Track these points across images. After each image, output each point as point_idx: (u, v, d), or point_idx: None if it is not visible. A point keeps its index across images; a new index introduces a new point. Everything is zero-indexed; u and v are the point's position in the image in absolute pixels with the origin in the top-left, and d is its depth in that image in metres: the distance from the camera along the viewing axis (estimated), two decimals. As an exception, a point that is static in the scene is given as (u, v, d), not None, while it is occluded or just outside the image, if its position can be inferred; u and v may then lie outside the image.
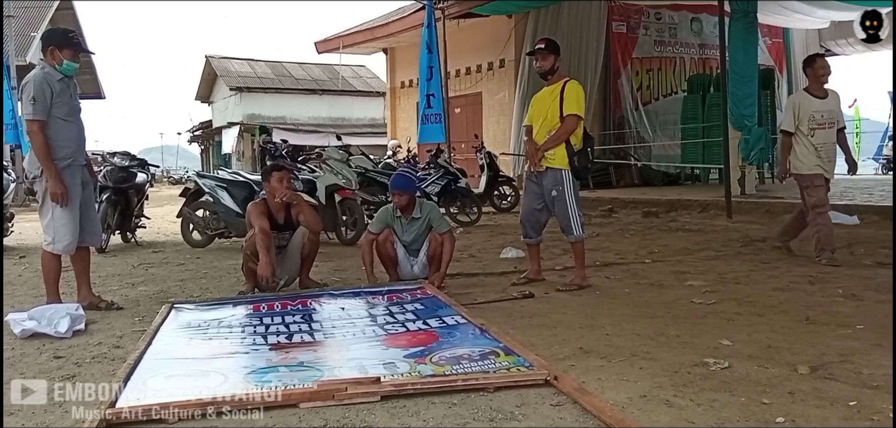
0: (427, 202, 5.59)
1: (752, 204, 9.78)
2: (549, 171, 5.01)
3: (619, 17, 14.63)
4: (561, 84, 5.03)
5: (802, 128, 5.85)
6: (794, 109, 5.93)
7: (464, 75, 15.34)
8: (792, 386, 2.77)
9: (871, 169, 22.70)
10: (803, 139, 5.85)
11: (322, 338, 3.65)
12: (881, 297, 4.39)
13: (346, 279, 5.74)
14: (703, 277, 5.30)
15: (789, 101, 6.16)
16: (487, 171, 11.05)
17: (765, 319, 3.95)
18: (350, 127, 27.99)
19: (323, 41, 18.13)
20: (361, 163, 9.30)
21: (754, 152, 10.43)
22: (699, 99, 13.55)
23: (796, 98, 6.14)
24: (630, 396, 2.70)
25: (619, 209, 10.68)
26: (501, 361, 3.05)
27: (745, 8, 10.12)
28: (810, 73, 6.01)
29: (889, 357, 3.12)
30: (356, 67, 32.31)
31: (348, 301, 4.50)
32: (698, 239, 7.47)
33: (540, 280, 5.17)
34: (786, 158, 6.00)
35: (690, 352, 3.29)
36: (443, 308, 4.17)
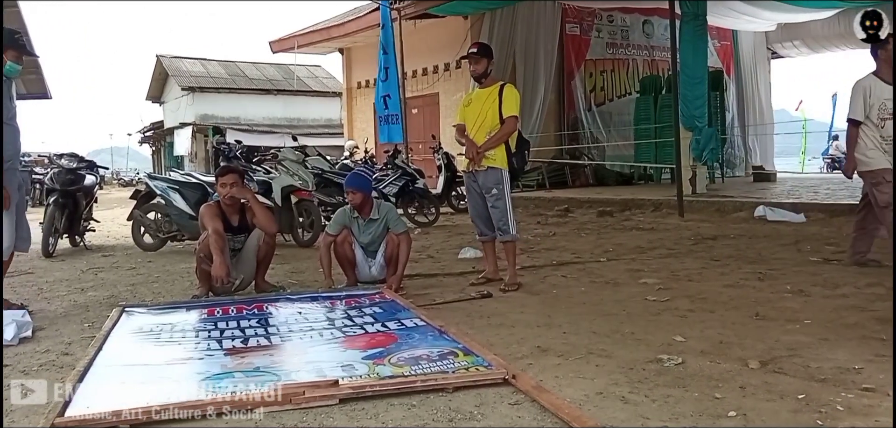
0: (385, 203, 5.58)
1: (703, 203, 10.01)
2: (490, 171, 5.08)
3: (572, 19, 14.82)
4: (497, 87, 5.12)
5: (872, 117, 5.17)
6: (863, 96, 5.15)
7: (421, 76, 15.34)
8: (743, 380, 2.84)
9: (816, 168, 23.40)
10: (872, 130, 5.17)
11: (279, 342, 3.61)
12: (827, 292, 4.54)
13: (303, 281, 5.69)
14: (657, 274, 5.40)
15: (857, 86, 5.26)
16: (445, 172, 11.07)
17: (716, 315, 4.05)
18: (306, 127, 27.71)
19: (277, 41, 17.92)
20: (318, 164, 9.23)
21: (705, 152, 10.67)
22: (651, 100, 13.82)
23: (866, 82, 5.21)
24: (587, 394, 2.74)
25: (575, 209, 10.82)
26: (460, 361, 3.06)
27: (694, 10, 10.36)
28: (883, 54, 5.12)
29: (836, 351, 3.23)
30: (312, 67, 32.01)
31: (306, 305, 4.45)
32: (652, 237, 7.61)
33: (498, 280, 5.20)
34: (853, 152, 5.27)
35: (645, 349, 3.35)
36: (401, 311, 4.16)
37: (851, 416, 2.43)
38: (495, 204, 5.10)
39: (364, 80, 17.07)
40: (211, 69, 31.63)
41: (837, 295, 4.44)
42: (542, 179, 13.87)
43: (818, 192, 11.34)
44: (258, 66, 32.53)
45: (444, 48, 14.02)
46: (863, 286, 4.64)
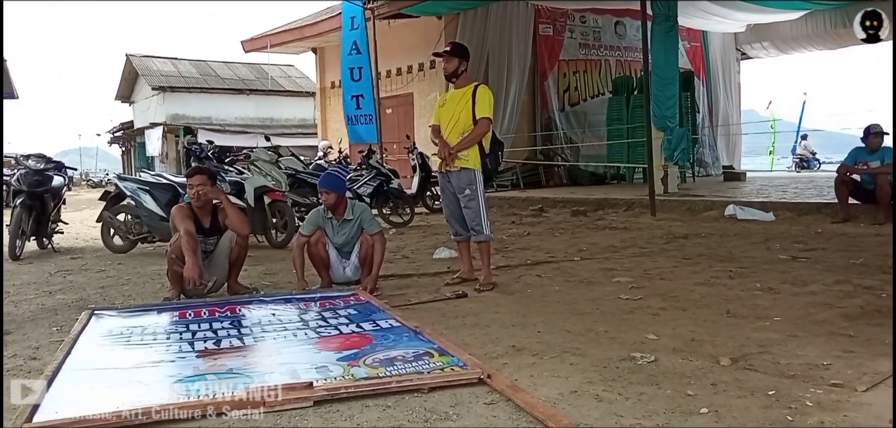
0: (359, 204, 5.55)
1: (675, 202, 10.12)
2: (463, 171, 5.09)
3: (545, 20, 14.91)
4: (471, 88, 5.13)
5: None
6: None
7: (394, 76, 15.31)
8: (715, 377, 2.88)
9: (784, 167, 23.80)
10: None
11: (252, 343, 3.57)
12: (796, 290, 4.61)
13: (276, 283, 5.64)
14: (630, 273, 5.45)
15: None
16: (420, 172, 11.06)
17: (688, 313, 4.10)
18: (279, 127, 27.50)
19: (250, 40, 17.75)
20: (291, 164, 9.17)
21: (676, 152, 10.80)
22: (623, 100, 13.95)
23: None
24: (561, 392, 2.75)
25: (549, 208, 10.88)
26: (435, 362, 3.06)
27: (666, 11, 10.48)
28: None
29: (805, 348, 3.28)
30: (285, 67, 31.76)
31: (279, 306, 4.42)
32: (624, 237, 7.68)
33: (473, 280, 5.21)
34: None
35: (618, 347, 3.38)
36: (376, 312, 4.15)
37: (820, 411, 2.47)
38: (469, 204, 5.11)
39: (338, 80, 16.91)
40: (182, 68, 31.23)
41: (806, 292, 4.52)
42: (517, 179, 13.92)
43: (787, 191, 11.53)
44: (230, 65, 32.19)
45: (418, 48, 14.01)
46: (831, 283, 4.73)
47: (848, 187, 8.11)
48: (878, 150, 8.03)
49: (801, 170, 21.26)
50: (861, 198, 8.12)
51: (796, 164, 22.62)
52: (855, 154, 8.38)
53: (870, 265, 5.36)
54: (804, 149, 22.82)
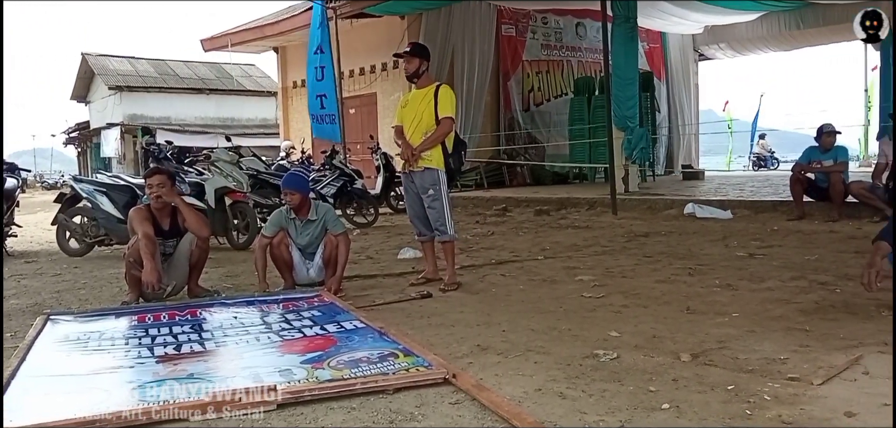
0: (322, 204, 5.51)
1: (636, 201, 10.26)
2: (427, 171, 5.09)
3: (507, 20, 15.00)
4: (433, 88, 5.13)
5: None
6: None
7: (358, 76, 15.24)
8: (675, 373, 2.92)
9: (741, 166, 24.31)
10: None
11: (213, 347, 3.52)
12: (753, 286, 4.71)
13: (238, 285, 5.57)
14: (592, 271, 5.51)
15: None
16: (384, 172, 11.02)
17: (649, 310, 4.16)
18: (240, 128, 27.15)
19: (210, 39, 17.50)
20: (253, 164, 9.05)
21: (636, 151, 10.96)
22: (585, 101, 14.10)
23: None
24: (526, 391, 2.77)
25: (513, 208, 10.94)
26: (401, 362, 3.05)
27: (625, 13, 10.63)
28: None
29: (762, 343, 3.36)
30: (245, 66, 31.35)
31: (241, 309, 4.36)
32: (587, 235, 7.76)
33: (437, 280, 5.21)
34: None
35: (582, 344, 3.41)
36: (340, 313, 4.12)
37: (778, 405, 2.53)
38: (432, 204, 5.11)
39: (300, 80, 16.82)
40: (140, 68, 30.62)
41: (763, 288, 4.62)
42: (481, 179, 13.97)
43: (744, 189, 11.78)
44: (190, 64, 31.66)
45: (381, 48, 13.96)
46: (787, 280, 4.84)
47: (802, 186, 8.32)
48: (830, 149, 8.26)
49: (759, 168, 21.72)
50: (815, 196, 8.33)
51: (754, 162, 23.11)
52: (809, 153, 8.61)
53: (824, 261, 5.50)
54: (762, 148, 23.34)
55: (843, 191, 8.02)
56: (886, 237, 3.77)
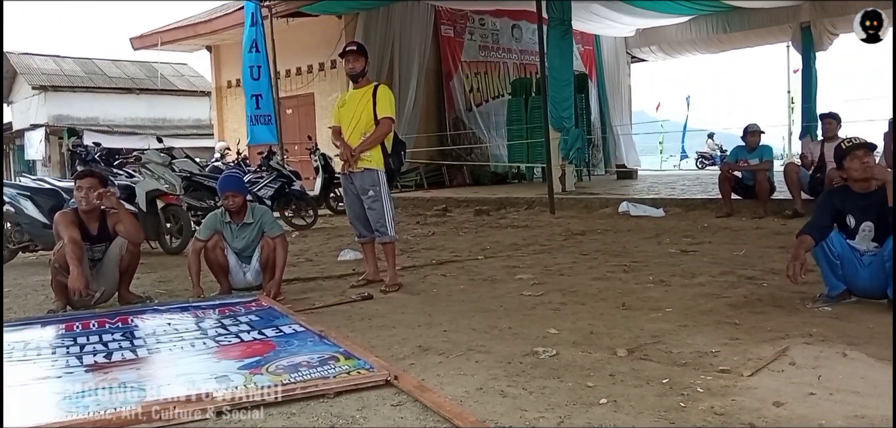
0: (259, 206, 5.41)
1: (573, 200, 10.44)
2: (366, 172, 5.07)
3: (445, 21, 15.05)
4: (371, 87, 5.12)
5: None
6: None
7: (294, 75, 15.02)
8: (612, 368, 2.98)
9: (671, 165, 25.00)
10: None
11: (146, 355, 3.41)
12: (685, 281, 4.86)
13: (172, 291, 5.41)
14: (531, 270, 5.58)
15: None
16: (323, 173, 10.89)
17: (587, 307, 4.23)
18: (172, 128, 26.36)
19: (139, 37, 16.94)
20: (186, 166, 8.80)
21: (572, 151, 11.14)
22: (522, 102, 14.26)
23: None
24: (467, 390, 2.78)
25: (453, 208, 10.98)
26: (341, 366, 3.02)
27: (560, 15, 10.80)
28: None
29: (694, 336, 3.46)
30: (177, 65, 30.47)
31: (175, 315, 4.23)
32: (526, 234, 7.85)
33: (378, 281, 5.18)
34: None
35: (522, 342, 3.45)
36: (279, 317, 4.05)
37: (710, 397, 2.61)
38: (372, 205, 5.08)
39: (234, 79, 16.47)
40: (65, 67, 29.37)
41: (695, 284, 4.77)
42: (421, 180, 13.97)
43: (675, 187, 12.13)
44: (118, 63, 30.55)
45: (318, 47, 13.81)
46: (717, 275, 5.01)
47: (730, 184, 8.62)
48: (756, 148, 8.59)
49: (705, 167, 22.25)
50: (742, 193, 8.64)
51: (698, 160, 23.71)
52: (736, 152, 8.93)
53: (751, 256, 5.71)
54: (709, 147, 23.98)
55: (769, 188, 8.36)
56: (809, 231, 3.94)
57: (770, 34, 16.11)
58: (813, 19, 14.40)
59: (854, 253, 3.90)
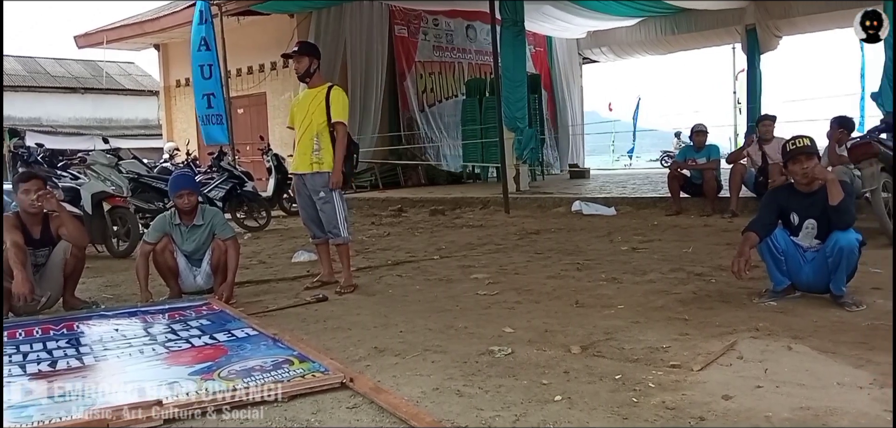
0: (209, 208, 5.30)
1: (527, 199, 10.52)
2: (318, 174, 5.03)
3: (399, 21, 15.00)
4: (325, 88, 5.08)
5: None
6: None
7: (246, 75, 14.80)
8: (567, 365, 3.02)
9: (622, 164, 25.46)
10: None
11: (93, 362, 3.31)
12: (636, 279, 4.95)
13: (119, 296, 5.27)
14: (487, 269, 5.61)
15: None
16: (276, 174, 10.75)
17: (541, 305, 4.28)
18: (119, 129, 25.68)
19: (84, 35, 16.47)
20: (133, 167, 8.60)
21: (526, 151, 11.23)
22: (477, 102, 14.33)
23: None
24: (424, 390, 2.78)
25: (409, 208, 10.95)
26: (296, 369, 2.99)
27: (513, 16, 10.88)
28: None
29: (646, 333, 3.53)
30: (124, 64, 29.71)
31: (123, 321, 4.12)
32: (481, 234, 7.89)
33: (333, 282, 5.14)
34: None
35: (477, 342, 3.46)
36: (231, 321, 3.98)
37: (662, 392, 2.67)
38: (324, 207, 5.04)
39: (184, 78, 16.15)
40: (5, 65, 28.34)
41: (645, 281, 4.86)
42: (376, 180, 13.91)
43: (626, 186, 12.32)
44: (62, 62, 29.61)
45: (270, 46, 13.62)
46: (667, 272, 5.11)
47: (679, 182, 8.81)
48: (703, 147, 8.80)
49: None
50: (690, 192, 8.84)
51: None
52: (684, 152, 9.13)
53: (700, 253, 5.85)
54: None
55: (716, 187, 8.57)
56: (755, 228, 4.05)
57: (717, 36, 16.53)
58: (758, 21, 14.84)
59: (798, 249, 4.03)
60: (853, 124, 7.75)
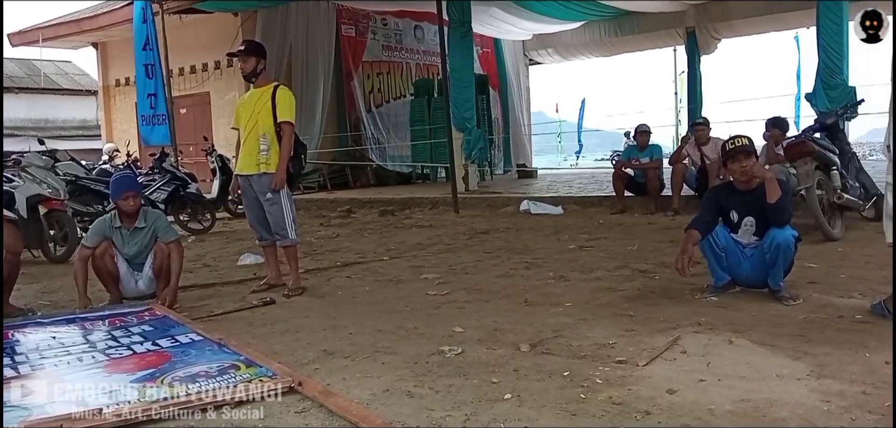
0: (152, 210, 5.16)
1: (476, 199, 10.58)
2: (264, 175, 4.96)
3: (347, 20, 14.89)
4: (271, 88, 5.01)
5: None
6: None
7: (189, 74, 14.47)
8: (516, 363, 3.05)
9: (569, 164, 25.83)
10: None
11: (29, 371, 3.18)
12: (583, 276, 5.02)
13: (56, 302, 5.09)
14: (436, 269, 5.61)
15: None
16: (220, 175, 10.54)
17: (491, 304, 4.30)
18: (56, 130, 24.80)
19: (18, 33, 15.85)
20: (71, 169, 8.31)
21: (475, 152, 11.30)
22: (425, 102, 14.34)
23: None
24: (374, 392, 2.76)
25: (358, 209, 10.89)
26: (242, 374, 2.93)
27: (460, 17, 10.93)
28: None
29: (593, 329, 3.58)
30: (61, 63, 28.71)
31: (60, 328, 3.98)
32: (431, 234, 7.89)
33: (281, 285, 5.07)
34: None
35: (428, 342, 3.46)
36: (175, 327, 3.88)
37: (609, 387, 2.71)
38: (271, 208, 4.97)
39: (124, 78, 15.69)
40: (-71, 63, 27.08)
41: (592, 278, 4.94)
42: (324, 180, 13.78)
43: (572, 186, 12.50)
44: (-7, 60, 28.49)
45: (214, 45, 13.34)
46: (612, 269, 5.21)
47: (623, 181, 8.98)
48: (646, 147, 9.00)
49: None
50: (634, 190, 9.03)
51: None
52: (628, 151, 9.32)
53: (644, 251, 5.98)
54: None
55: (659, 185, 8.77)
56: (696, 226, 4.16)
57: (659, 38, 16.91)
58: (697, 24, 15.24)
59: (737, 246, 4.16)
60: (787, 124, 8.04)
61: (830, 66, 8.70)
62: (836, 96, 8.53)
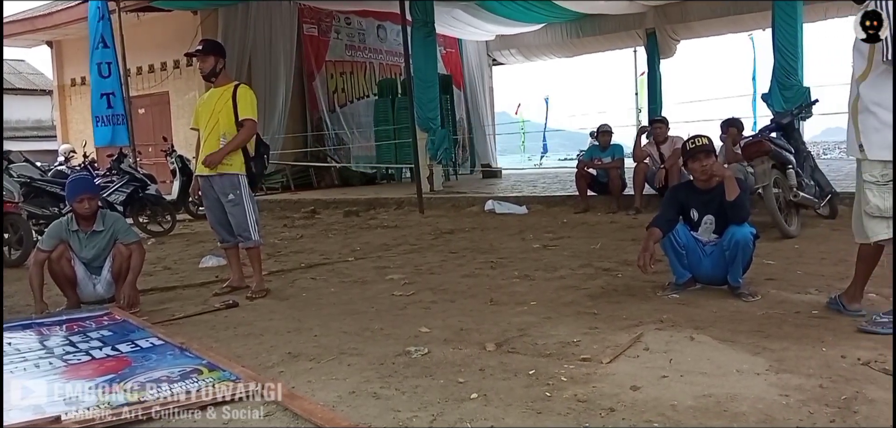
0: (110, 213, 5.05)
1: (441, 199, 10.59)
2: (225, 176, 4.90)
3: (309, 19, 14.76)
4: (231, 87, 4.95)
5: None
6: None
7: (147, 73, 14.21)
8: (482, 363, 3.06)
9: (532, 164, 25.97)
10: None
11: (-18, 380, 3.09)
12: (548, 275, 5.06)
13: (11, 307, 4.94)
14: (402, 270, 5.60)
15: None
16: (181, 176, 10.36)
17: (456, 304, 4.31)
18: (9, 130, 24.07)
19: (-33, 30, 15.34)
20: (25, 171, 8.10)
21: (439, 152, 11.31)
22: (389, 102, 14.30)
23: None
24: (340, 395, 2.75)
25: (322, 210, 10.81)
26: (205, 378, 2.89)
27: (423, 17, 10.93)
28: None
29: (558, 327, 3.61)
30: (14, 62, 27.92)
31: (16, 334, 3.87)
32: (396, 234, 7.87)
33: (244, 287, 5.00)
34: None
35: (394, 343, 3.45)
36: (135, 331, 3.81)
37: (573, 385, 2.74)
38: (233, 210, 4.91)
39: (80, 77, 15.33)
40: None
41: (556, 277, 4.98)
42: (287, 181, 13.64)
43: (536, 185, 12.59)
44: (-58, 58, 27.58)
45: (173, 44, 13.11)
46: (576, 267, 5.26)
47: (586, 181, 9.08)
48: (608, 147, 9.11)
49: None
50: (597, 190, 9.13)
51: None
52: (591, 151, 9.42)
53: (607, 249, 6.05)
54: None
55: (621, 185, 8.88)
56: (658, 224, 4.23)
57: (620, 39, 17.14)
58: (657, 26, 15.49)
59: (698, 243, 4.23)
60: (742, 124, 8.22)
61: (785, 66, 8.93)
62: (791, 96, 8.76)
